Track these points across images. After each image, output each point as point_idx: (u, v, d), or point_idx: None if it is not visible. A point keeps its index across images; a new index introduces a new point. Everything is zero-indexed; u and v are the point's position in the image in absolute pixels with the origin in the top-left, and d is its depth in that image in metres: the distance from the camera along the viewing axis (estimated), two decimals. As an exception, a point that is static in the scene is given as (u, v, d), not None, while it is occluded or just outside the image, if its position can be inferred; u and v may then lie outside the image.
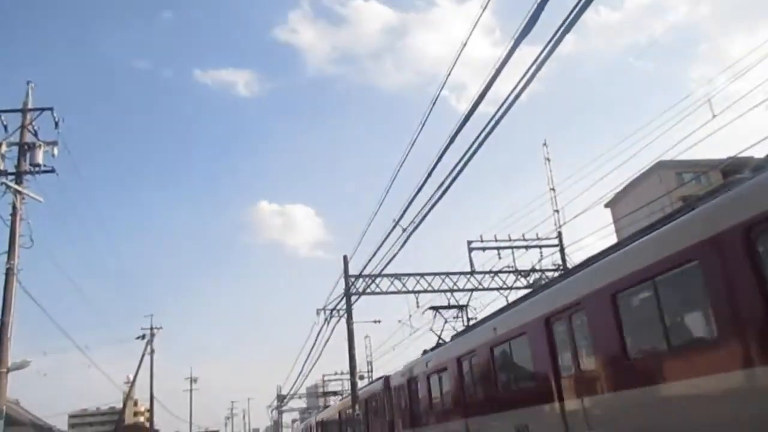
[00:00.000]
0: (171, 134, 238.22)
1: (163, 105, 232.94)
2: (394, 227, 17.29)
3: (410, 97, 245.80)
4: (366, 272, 25.35)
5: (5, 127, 19.10)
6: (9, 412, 19.37)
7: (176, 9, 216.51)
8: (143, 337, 48.03)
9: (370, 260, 22.39)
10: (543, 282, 31.29)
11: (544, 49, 9.10)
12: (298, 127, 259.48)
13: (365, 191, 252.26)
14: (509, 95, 10.19)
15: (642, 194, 48.37)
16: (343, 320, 27.07)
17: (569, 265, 29.94)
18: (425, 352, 20.12)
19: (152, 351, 48.46)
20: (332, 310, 28.64)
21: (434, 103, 12.15)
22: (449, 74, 12.04)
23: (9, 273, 17.56)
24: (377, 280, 27.01)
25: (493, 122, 10.28)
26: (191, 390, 74.77)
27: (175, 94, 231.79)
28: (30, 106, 19.63)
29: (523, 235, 29.41)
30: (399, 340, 34.14)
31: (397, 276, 27.57)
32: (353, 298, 26.79)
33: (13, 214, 18.16)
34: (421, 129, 12.86)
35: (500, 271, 28.99)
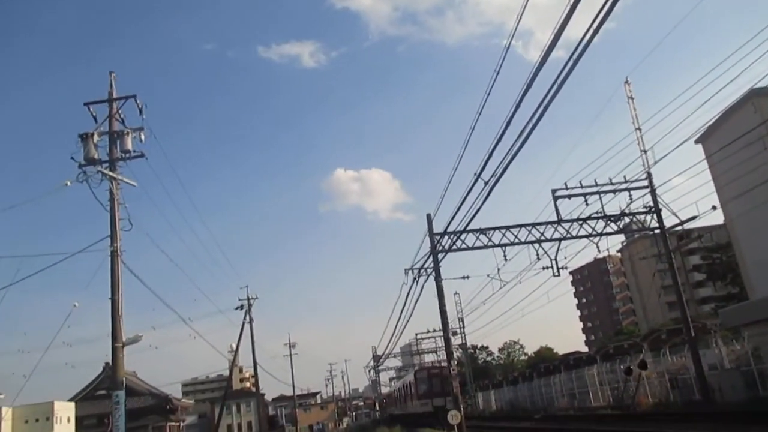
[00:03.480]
0: (244, 111, 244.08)
1: (233, 84, 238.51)
2: (476, 181, 17.06)
3: (476, 50, 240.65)
4: (450, 229, 25.27)
5: (95, 118, 20.07)
6: (128, 384, 20.81)
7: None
8: (241, 307, 50.17)
9: (453, 217, 22.32)
10: (635, 226, 30.25)
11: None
12: (367, 92, 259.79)
13: (440, 149, 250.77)
14: (585, 34, 9.76)
15: (736, 126, 45.47)
16: (432, 278, 27.18)
17: (661, 207, 28.78)
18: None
19: (251, 320, 50.60)
20: (420, 269, 28.79)
21: (507, 50, 11.79)
22: (519, 19, 11.62)
23: (114, 255, 18.65)
24: (462, 236, 26.90)
25: (570, 63, 9.87)
26: (291, 355, 77.64)
27: (243, 71, 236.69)
28: (114, 95, 20.46)
29: (611, 179, 28.41)
30: (488, 294, 33.97)
31: (482, 230, 27.34)
32: (439, 255, 26.81)
33: (111, 200, 19.15)
34: (496, 78, 12.53)
35: (589, 218, 28.20)
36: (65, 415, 50.51)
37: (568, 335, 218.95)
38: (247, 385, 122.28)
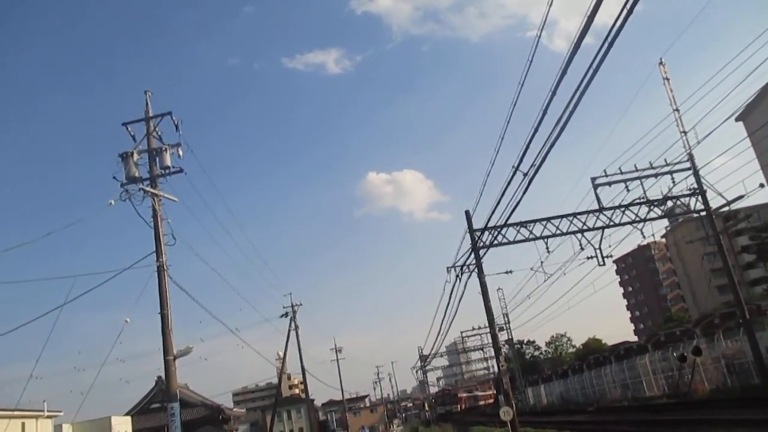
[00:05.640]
0: (273, 121, 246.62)
1: (261, 95, 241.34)
2: (514, 173, 16.84)
3: (501, 44, 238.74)
4: (490, 224, 25.04)
5: (133, 137, 20.44)
6: (181, 396, 21.07)
7: (255, 2, 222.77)
8: (286, 315, 50.54)
9: (493, 211, 22.08)
10: (679, 210, 29.55)
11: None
12: (394, 94, 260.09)
13: (471, 146, 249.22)
14: (615, 21, 9.55)
15: (779, 100, 44.15)
16: (475, 275, 26.95)
17: (705, 188, 28.03)
18: None
19: (296, 327, 50.93)
20: (462, 267, 28.59)
21: (539, 38, 11.62)
22: (550, 5, 11.43)
23: (160, 270, 18.94)
24: (503, 231, 26.64)
25: (605, 47, 9.67)
26: (337, 359, 77.98)
27: (269, 83, 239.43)
28: (150, 113, 20.79)
29: (651, 163, 27.80)
30: (533, 288, 33.62)
31: (522, 224, 27.05)
32: (481, 251, 26.58)
33: (155, 217, 19.46)
34: (529, 68, 12.36)
35: (631, 204, 27.67)
36: (122, 429, 51.49)
37: (616, 325, 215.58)
38: (297, 391, 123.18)
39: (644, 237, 28.76)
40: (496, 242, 26.87)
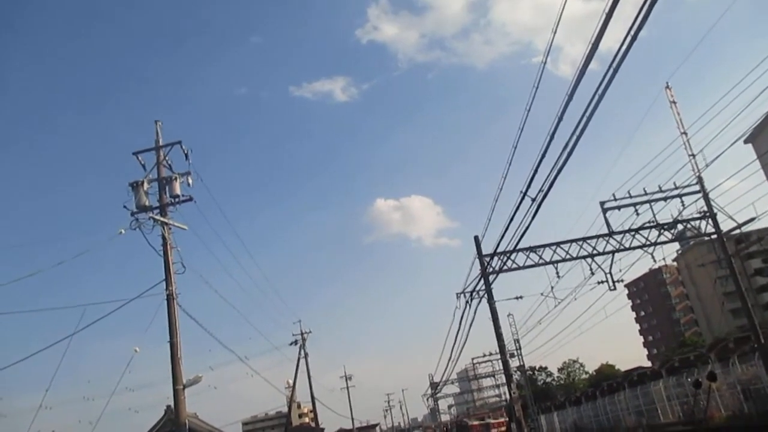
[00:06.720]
0: (282, 150, 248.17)
1: (269, 123, 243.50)
2: (523, 198, 16.83)
3: (506, 71, 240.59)
4: (499, 249, 24.97)
5: (143, 166, 20.64)
6: (190, 425, 20.94)
7: (262, 33, 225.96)
8: (295, 342, 50.38)
9: (502, 237, 22.04)
10: (689, 233, 29.37)
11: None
12: (401, 120, 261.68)
13: (478, 171, 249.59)
14: (622, 43, 9.62)
15: (788, 121, 43.98)
16: (485, 301, 26.80)
17: (716, 211, 27.90)
18: None
19: (306, 355, 50.71)
20: (472, 293, 28.45)
21: (544, 64, 11.71)
22: (555, 32, 11.55)
23: (169, 299, 18.96)
24: (512, 256, 26.53)
25: (611, 71, 9.73)
26: (347, 387, 77.47)
27: (277, 111, 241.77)
28: (160, 143, 21.02)
29: (660, 187, 27.72)
30: (544, 313, 33.37)
31: (532, 249, 26.94)
32: (491, 277, 26.46)
33: (164, 245, 19.54)
34: (535, 94, 12.44)
35: (641, 228, 27.53)
36: (131, 460, 51.20)
37: (629, 350, 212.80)
38: (306, 420, 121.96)
39: (655, 261, 28.59)
40: (505, 267, 26.76)
